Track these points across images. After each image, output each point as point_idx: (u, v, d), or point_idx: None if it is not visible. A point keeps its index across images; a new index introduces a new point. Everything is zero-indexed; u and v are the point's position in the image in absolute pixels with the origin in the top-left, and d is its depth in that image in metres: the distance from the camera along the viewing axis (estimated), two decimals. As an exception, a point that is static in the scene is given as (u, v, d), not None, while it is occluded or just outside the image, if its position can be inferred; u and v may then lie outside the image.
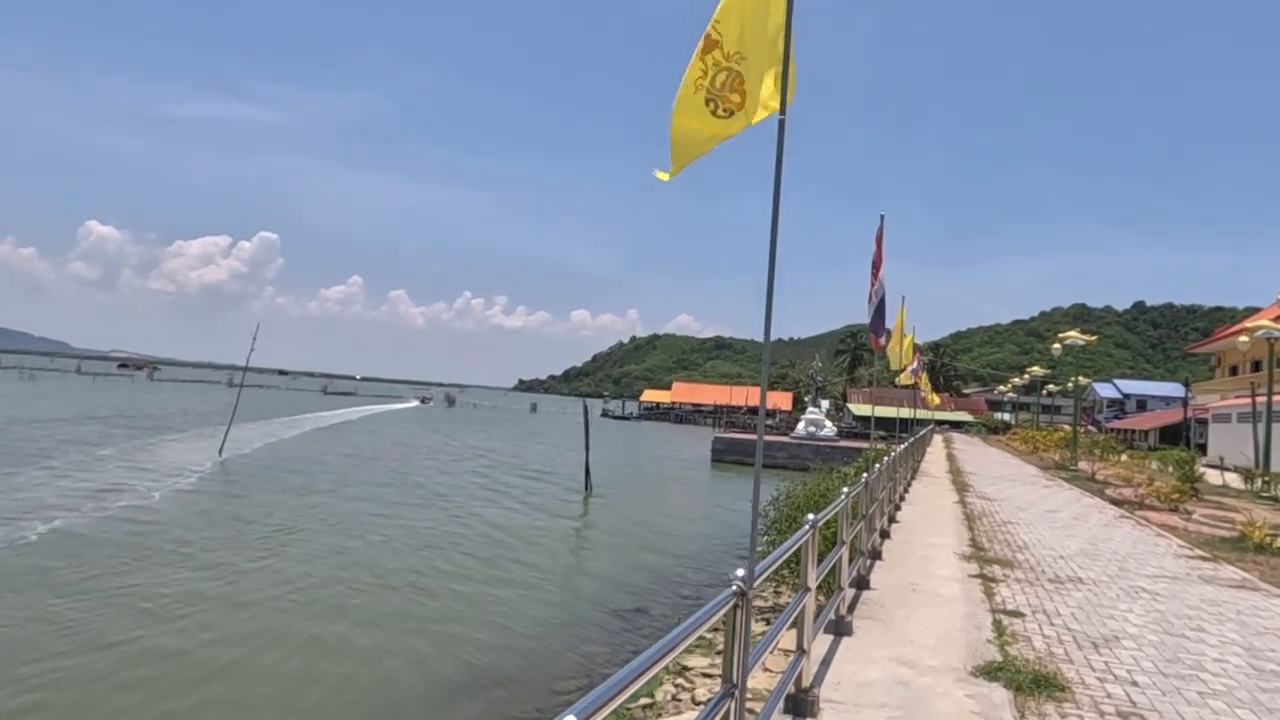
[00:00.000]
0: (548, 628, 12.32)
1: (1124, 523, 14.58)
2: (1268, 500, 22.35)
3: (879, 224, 8.65)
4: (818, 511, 5.67)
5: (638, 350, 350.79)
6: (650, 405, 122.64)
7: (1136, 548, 11.58)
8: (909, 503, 15.41)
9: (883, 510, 10.97)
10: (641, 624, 12.44)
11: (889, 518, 12.37)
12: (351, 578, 14.50)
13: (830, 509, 5.90)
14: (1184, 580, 9.23)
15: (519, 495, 28.58)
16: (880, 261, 8.51)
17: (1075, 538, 12.17)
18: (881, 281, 8.47)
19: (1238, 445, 39.79)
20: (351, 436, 51.71)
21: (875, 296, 8.53)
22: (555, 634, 12.07)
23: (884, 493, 10.78)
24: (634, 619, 12.79)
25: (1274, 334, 23.37)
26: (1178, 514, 17.69)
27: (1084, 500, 18.56)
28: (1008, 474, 26.36)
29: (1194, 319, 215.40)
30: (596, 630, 12.23)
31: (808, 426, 48.39)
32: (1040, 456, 38.38)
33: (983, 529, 12.48)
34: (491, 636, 11.63)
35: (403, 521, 21.16)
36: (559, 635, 11.99)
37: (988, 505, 16.01)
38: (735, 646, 2.95)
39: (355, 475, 31.05)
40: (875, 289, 8.51)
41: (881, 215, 8.72)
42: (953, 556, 9.79)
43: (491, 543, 18.95)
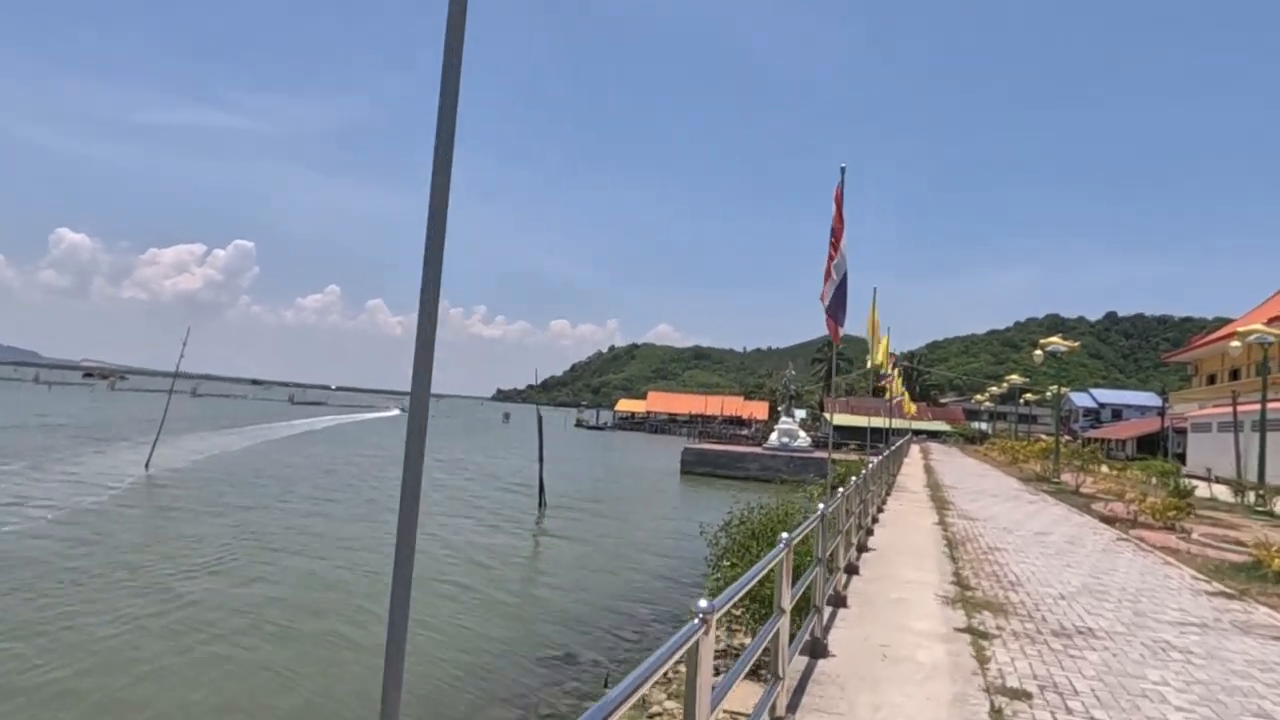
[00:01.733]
0: (467, 677, 10.39)
1: (1123, 547, 12.92)
2: (1263, 515, 20.92)
3: (839, 179, 6.88)
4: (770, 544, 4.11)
5: (616, 360, 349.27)
6: (625, 415, 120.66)
7: (1146, 580, 9.89)
8: (883, 525, 13.66)
9: (850, 541, 9.19)
10: (566, 676, 10.51)
11: (859, 546, 10.60)
12: (208, 622, 12.46)
13: (765, 563, 4.09)
14: (1215, 629, 7.51)
15: (466, 512, 26.54)
16: (841, 229, 6.73)
17: (1074, 569, 10.45)
18: (843, 255, 6.69)
19: (1218, 455, 38.67)
20: (309, 448, 49.32)
21: (835, 273, 6.74)
22: (470, 685, 10.14)
23: (851, 520, 9.00)
24: (561, 669, 10.87)
25: (1268, 338, 22.01)
26: (1175, 533, 16.13)
27: (1074, 519, 16.93)
28: (989, 488, 24.77)
29: (1165, 329, 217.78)
30: (520, 681, 10.31)
31: (781, 437, 46.69)
32: (1020, 468, 36.97)
33: (967, 558, 10.73)
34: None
35: (322, 543, 19.09)
36: (472, 687, 10.06)
37: (971, 526, 14.30)
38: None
39: (295, 490, 28.86)
40: (834, 262, 6.72)
41: (842, 168, 6.97)
42: (933, 600, 8.01)
43: (420, 571, 16.95)
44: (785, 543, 4.31)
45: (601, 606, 14.00)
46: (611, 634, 12.35)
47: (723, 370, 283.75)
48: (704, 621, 2.59)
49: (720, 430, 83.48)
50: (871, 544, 11.30)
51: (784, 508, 11.14)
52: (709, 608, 2.62)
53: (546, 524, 25.10)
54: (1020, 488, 25.43)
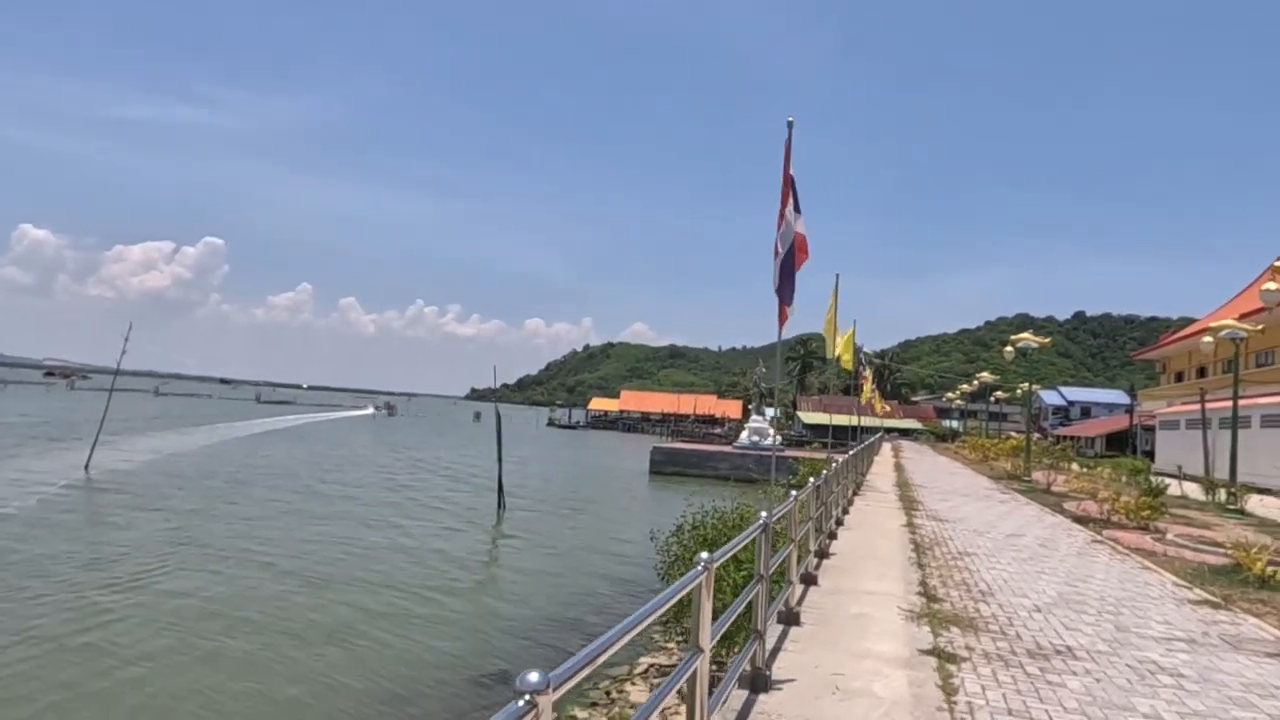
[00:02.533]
0: (392, 699, 9.47)
1: (1098, 550, 12.27)
2: (1235, 513, 20.53)
3: (787, 135, 6.00)
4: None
5: (591, 359, 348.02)
6: (598, 414, 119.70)
7: (1125, 588, 9.20)
8: (848, 527, 12.90)
9: (807, 548, 8.38)
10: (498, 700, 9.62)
11: (819, 553, 9.81)
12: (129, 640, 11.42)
13: (671, 592, 3.23)
14: (1204, 645, 6.79)
15: (425, 513, 25.53)
16: (790, 193, 5.86)
17: (1048, 575, 9.75)
18: (790, 222, 5.81)
19: (1187, 452, 38.67)
20: (268, 448, 47.87)
21: (782, 244, 5.87)
22: (392, 708, 9.22)
23: (808, 526, 8.19)
24: (494, 690, 9.97)
25: (1239, 333, 21.65)
26: (1150, 533, 15.59)
27: (1046, 519, 16.32)
28: (959, 487, 24.22)
29: (1131, 329, 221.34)
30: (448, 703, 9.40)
31: (751, 436, 46.04)
32: (991, 466, 36.62)
33: (935, 564, 9.99)
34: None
35: (266, 549, 18.00)
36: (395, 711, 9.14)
37: (940, 529, 13.60)
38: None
39: (246, 491, 27.63)
40: (781, 232, 5.85)
41: (789, 122, 6.10)
42: (897, 615, 7.22)
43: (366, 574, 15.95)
44: (704, 563, 3.46)
45: (548, 616, 13.11)
46: (555, 648, 11.46)
47: (698, 369, 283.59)
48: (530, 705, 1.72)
49: (693, 429, 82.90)
50: (834, 549, 10.52)
51: (739, 511, 10.34)
52: (540, 683, 1.75)
53: (505, 526, 24.16)
54: (991, 487, 24.92)
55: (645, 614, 2.88)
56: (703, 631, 3.46)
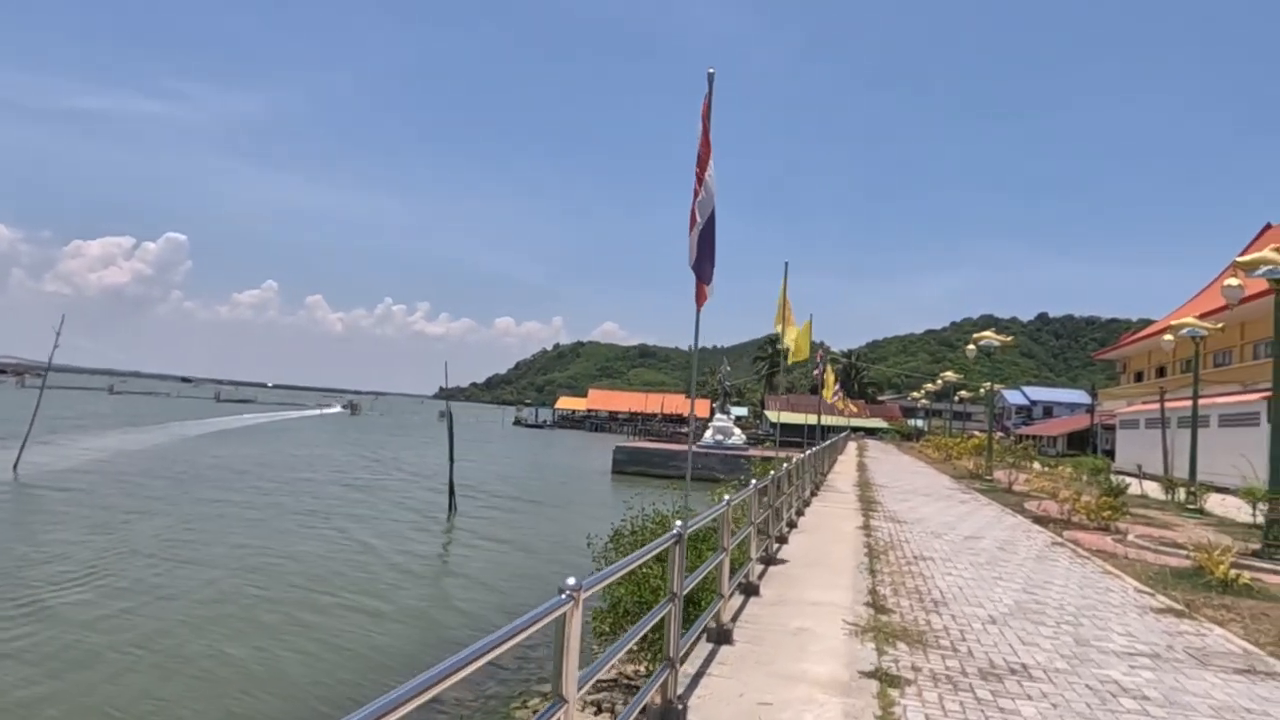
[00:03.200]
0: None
1: (1058, 553, 11.82)
2: (1194, 513, 20.40)
3: (707, 90, 5.26)
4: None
5: (561, 358, 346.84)
6: (566, 413, 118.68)
7: (1085, 595, 8.70)
8: (802, 530, 12.33)
9: (748, 556, 7.76)
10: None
11: (765, 559, 9.20)
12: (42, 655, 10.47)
13: (501, 635, 2.53)
14: (1169, 661, 6.27)
15: (376, 514, 24.59)
16: (708, 153, 5.15)
17: (1006, 581, 9.22)
18: (709, 190, 5.08)
19: (1147, 451, 38.92)
20: (219, 447, 46.37)
21: (699, 214, 5.14)
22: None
23: (748, 531, 7.56)
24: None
25: (1199, 332, 21.52)
26: (1110, 534, 15.26)
27: (1006, 520, 15.91)
28: (921, 486, 23.86)
29: (1093, 330, 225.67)
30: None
31: (715, 435, 45.53)
32: (954, 465, 36.50)
33: (888, 570, 9.42)
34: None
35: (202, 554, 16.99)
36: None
37: (897, 531, 13.08)
38: None
39: (190, 492, 26.45)
40: (699, 200, 5.12)
41: (709, 73, 5.39)
42: (841, 630, 6.59)
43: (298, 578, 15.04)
44: (570, 591, 2.76)
45: (485, 630, 12.32)
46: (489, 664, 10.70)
47: (668, 368, 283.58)
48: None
49: (660, 428, 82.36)
50: (784, 554, 9.91)
51: (679, 515, 9.68)
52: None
53: (455, 527, 23.29)
54: (952, 486, 24.60)
55: (477, 652, 2.19)
56: (567, 678, 2.77)
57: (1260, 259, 14.18)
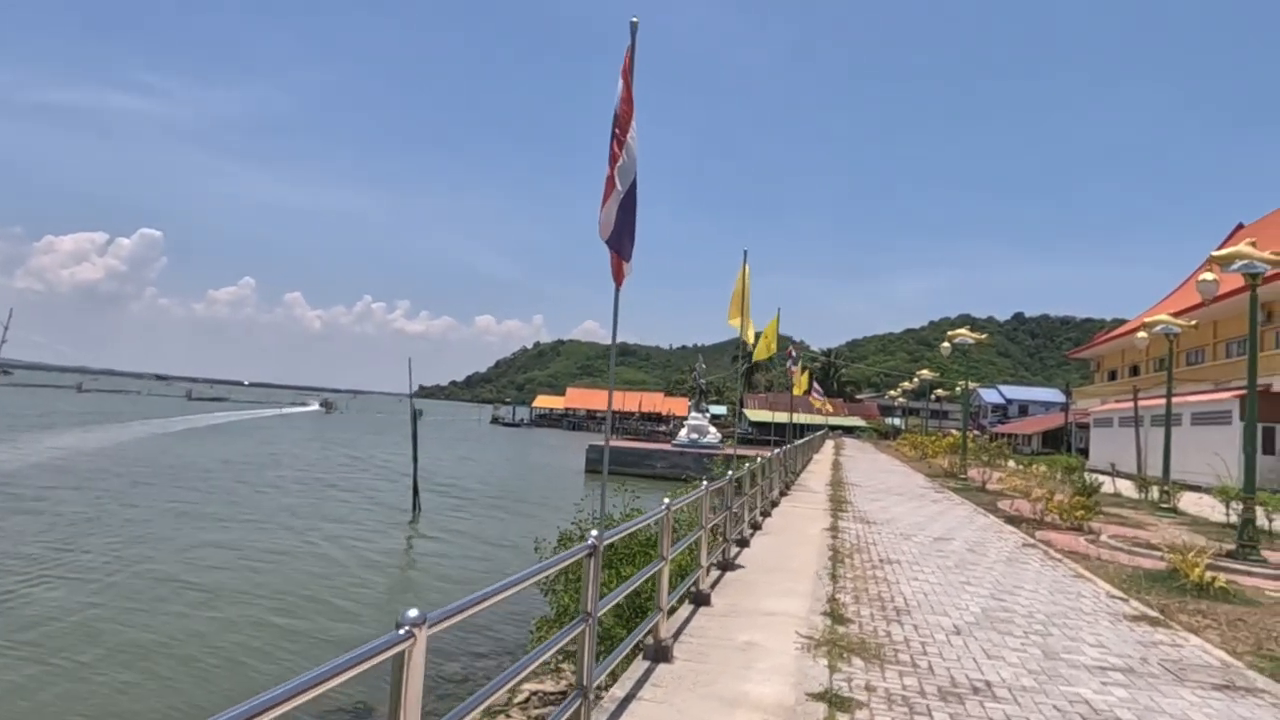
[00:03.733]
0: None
1: (1030, 555, 11.41)
2: (1168, 512, 20.17)
3: (630, 41, 4.73)
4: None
5: (541, 356, 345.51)
6: (544, 411, 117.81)
7: (1056, 601, 8.26)
8: (766, 531, 11.83)
9: (698, 563, 7.23)
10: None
11: (722, 564, 8.69)
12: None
13: (347, 663, 1.97)
14: (1144, 676, 5.81)
15: (338, 514, 23.82)
16: (631, 114, 4.57)
17: (974, 586, 8.77)
18: (631, 154, 4.49)
19: (1120, 450, 38.97)
20: (181, 446, 45.24)
21: (620, 181, 4.53)
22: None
23: (698, 535, 7.03)
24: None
25: (1173, 329, 21.30)
26: (1083, 534, 14.93)
27: (977, 520, 15.53)
28: (894, 485, 23.50)
29: (1068, 329, 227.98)
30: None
31: (690, 434, 45.07)
32: (929, 463, 36.28)
33: (851, 575, 8.94)
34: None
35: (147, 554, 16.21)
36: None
37: (865, 533, 12.63)
38: None
39: (140, 494, 25.52)
40: (619, 165, 4.50)
41: (632, 22, 4.86)
42: (793, 644, 6.08)
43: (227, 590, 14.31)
44: (409, 625, 2.21)
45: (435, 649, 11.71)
46: (438, 678, 10.09)
47: (649, 367, 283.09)
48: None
49: (637, 426, 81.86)
50: (743, 559, 9.40)
51: (628, 516, 9.14)
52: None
53: (417, 530, 22.60)
54: (926, 485, 24.27)
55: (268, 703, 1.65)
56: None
57: (1236, 253, 13.90)
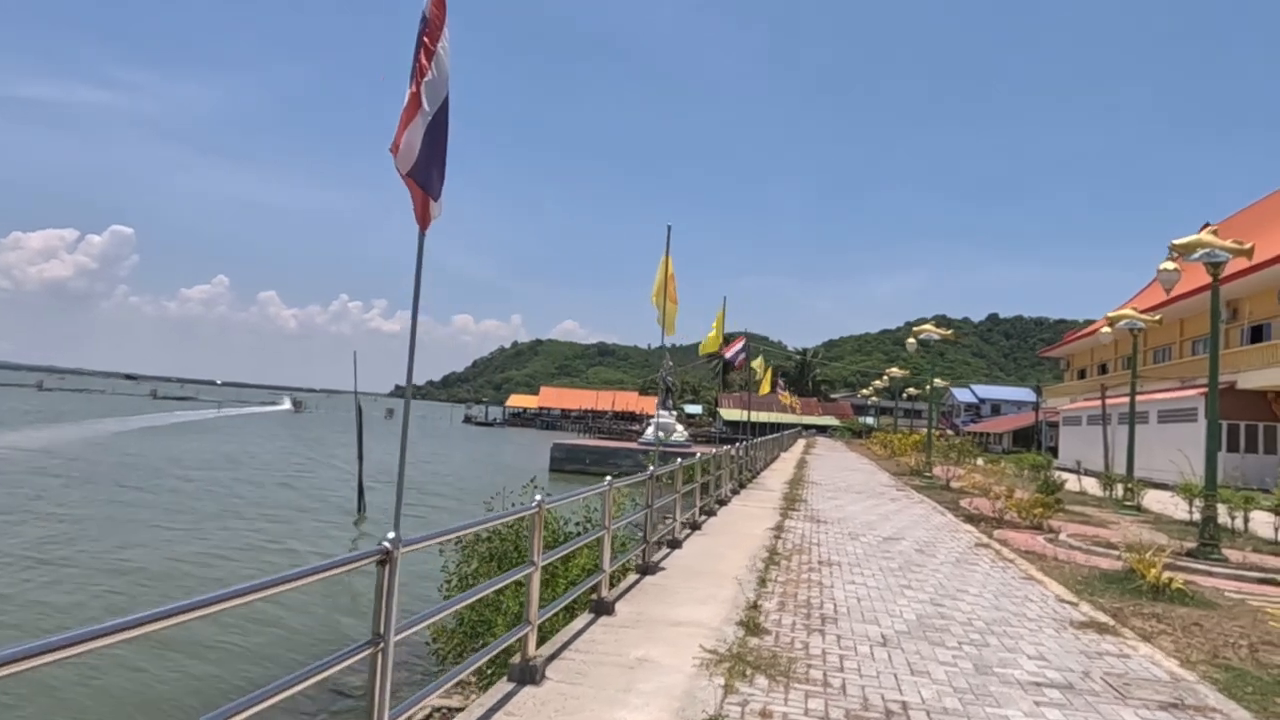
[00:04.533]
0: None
1: (981, 555, 10.81)
2: (1131, 510, 19.79)
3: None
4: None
5: (519, 356, 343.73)
6: (517, 411, 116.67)
7: (1000, 607, 7.62)
8: (704, 532, 11.14)
9: (602, 568, 6.50)
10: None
11: (641, 568, 7.97)
12: None
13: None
14: (1082, 693, 5.16)
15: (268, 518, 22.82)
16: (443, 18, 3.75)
17: (914, 590, 8.12)
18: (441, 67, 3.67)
19: (1088, 448, 38.86)
20: (140, 444, 43.90)
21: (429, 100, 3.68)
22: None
23: (598, 537, 6.31)
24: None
25: (1137, 324, 20.96)
26: (1042, 532, 14.40)
27: (933, 519, 14.95)
28: (857, 483, 22.94)
29: (1041, 330, 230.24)
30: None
31: (656, 431, 44.39)
32: (897, 461, 35.89)
33: (784, 579, 8.25)
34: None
35: (69, 556, 15.19)
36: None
37: (812, 532, 11.97)
38: None
39: (74, 493, 24.38)
40: (426, 80, 3.69)
41: None
42: (691, 660, 5.36)
43: (130, 596, 13.38)
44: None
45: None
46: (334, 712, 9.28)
47: (627, 367, 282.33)
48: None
49: (610, 425, 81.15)
50: (670, 561, 8.70)
51: (548, 517, 8.39)
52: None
53: (361, 530, 21.71)
54: (889, 483, 23.75)
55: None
56: None
57: (1196, 242, 13.42)
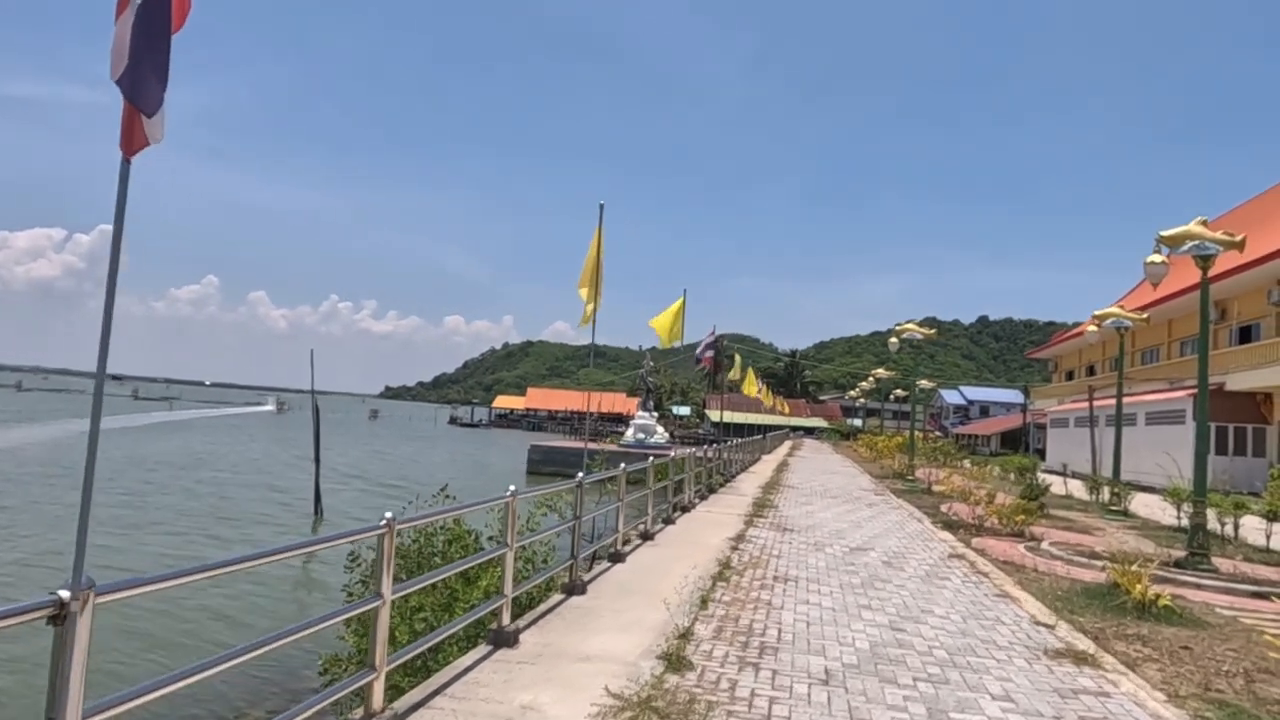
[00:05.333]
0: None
1: (954, 568, 9.98)
2: (1117, 515, 19.06)
3: None
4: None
5: (510, 357, 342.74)
6: (504, 412, 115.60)
7: (968, 631, 6.78)
8: (656, 544, 10.28)
9: (505, 592, 5.62)
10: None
11: (568, 588, 7.10)
12: None
13: None
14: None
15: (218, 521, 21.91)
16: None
17: (873, 610, 7.27)
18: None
19: (1075, 450, 38.23)
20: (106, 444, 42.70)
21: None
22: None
23: (505, 555, 5.43)
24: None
25: (1124, 322, 20.24)
26: (1023, 540, 13.61)
27: (909, 526, 14.12)
28: (834, 486, 22.13)
29: (1031, 332, 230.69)
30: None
31: (636, 433, 43.59)
32: (881, 464, 35.14)
33: (728, 599, 7.39)
34: None
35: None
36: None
37: (775, 542, 11.13)
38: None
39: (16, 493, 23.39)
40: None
41: None
42: (588, 706, 4.49)
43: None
44: None
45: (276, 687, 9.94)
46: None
47: (618, 368, 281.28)
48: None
49: (595, 427, 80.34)
50: (606, 578, 7.84)
51: (455, 531, 7.51)
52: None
53: (317, 533, 20.76)
54: (869, 487, 22.95)
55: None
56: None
57: (1185, 233, 12.64)
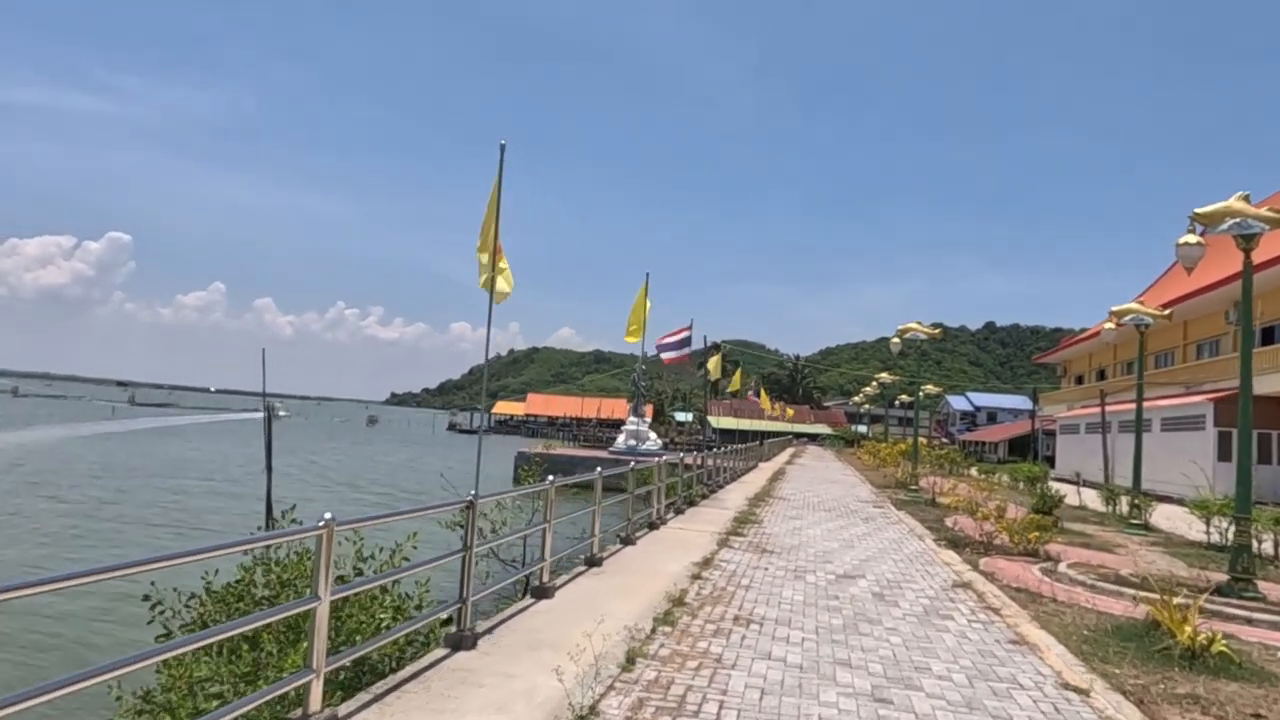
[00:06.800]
0: None
1: (959, 601, 8.32)
2: (1138, 529, 17.35)
3: None
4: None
5: (516, 363, 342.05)
6: (504, 418, 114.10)
7: (977, 700, 5.10)
8: (602, 571, 8.66)
9: (311, 666, 4.00)
10: None
11: (456, 638, 5.49)
12: None
13: None
14: None
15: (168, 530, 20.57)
16: None
17: (853, 669, 5.61)
18: None
19: (1087, 457, 36.50)
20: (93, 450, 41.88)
21: None
22: None
23: (317, 612, 3.81)
24: None
25: (1144, 319, 18.56)
26: (1037, 560, 11.95)
27: (908, 545, 12.43)
28: (830, 498, 20.45)
29: (1038, 339, 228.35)
30: None
31: (628, 440, 42.00)
32: (884, 472, 33.44)
33: (665, 653, 5.75)
34: None
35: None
36: None
37: (749, 567, 9.48)
38: None
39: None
40: None
41: None
42: None
43: None
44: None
45: None
46: None
47: (622, 374, 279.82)
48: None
49: (594, 433, 78.96)
50: (515, 623, 6.23)
51: (274, 568, 5.92)
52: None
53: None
54: (868, 498, 21.26)
55: None
56: None
57: (1225, 209, 10.96)
